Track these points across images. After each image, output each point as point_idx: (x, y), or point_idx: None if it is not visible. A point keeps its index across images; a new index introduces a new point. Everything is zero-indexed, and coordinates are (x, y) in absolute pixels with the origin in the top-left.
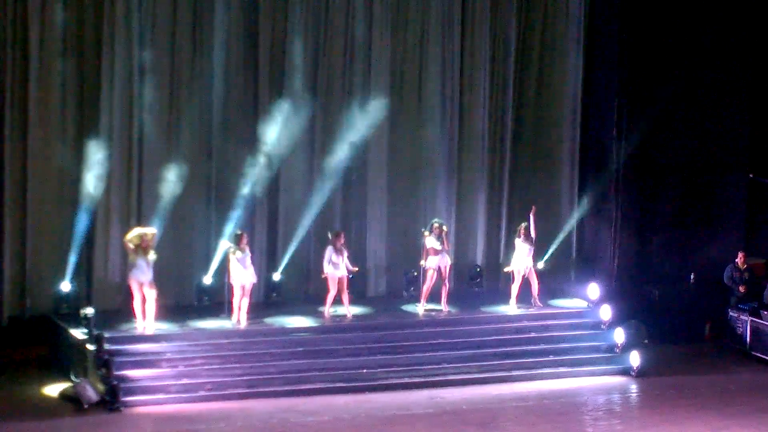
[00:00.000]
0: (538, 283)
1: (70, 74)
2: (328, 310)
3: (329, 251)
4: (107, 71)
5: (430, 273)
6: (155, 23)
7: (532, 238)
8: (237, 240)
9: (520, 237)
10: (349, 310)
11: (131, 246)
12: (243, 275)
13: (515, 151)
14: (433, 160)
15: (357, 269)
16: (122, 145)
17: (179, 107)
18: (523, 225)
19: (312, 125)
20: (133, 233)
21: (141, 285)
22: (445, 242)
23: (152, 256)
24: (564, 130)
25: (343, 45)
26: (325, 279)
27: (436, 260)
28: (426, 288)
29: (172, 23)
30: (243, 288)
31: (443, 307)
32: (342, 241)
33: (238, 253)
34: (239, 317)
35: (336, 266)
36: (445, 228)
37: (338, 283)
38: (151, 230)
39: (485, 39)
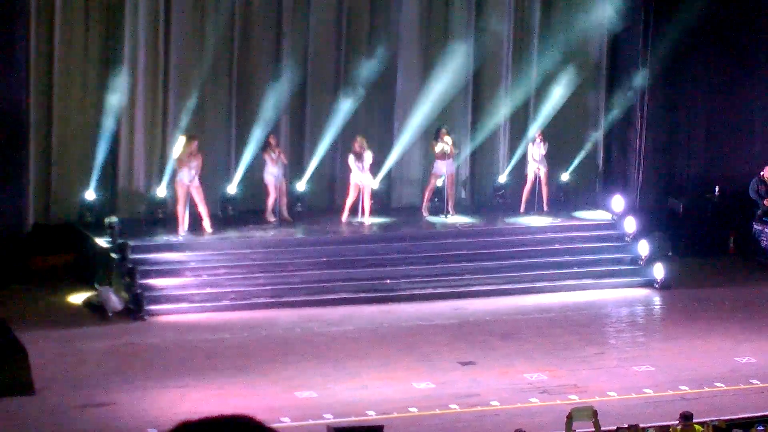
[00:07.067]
0: (547, 190)
1: None
2: (345, 215)
3: (350, 158)
4: None
5: (432, 179)
6: None
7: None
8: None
9: (533, 143)
10: (367, 219)
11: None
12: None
13: (542, 61)
14: (462, 67)
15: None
16: (147, 53)
17: (204, 15)
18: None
19: (338, 30)
20: (179, 149)
21: (187, 188)
22: (450, 149)
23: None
24: (592, 42)
25: None
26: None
27: (441, 166)
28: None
29: None
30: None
31: (450, 211)
32: (361, 145)
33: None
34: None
35: (357, 172)
36: (449, 134)
37: (357, 189)
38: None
39: None
